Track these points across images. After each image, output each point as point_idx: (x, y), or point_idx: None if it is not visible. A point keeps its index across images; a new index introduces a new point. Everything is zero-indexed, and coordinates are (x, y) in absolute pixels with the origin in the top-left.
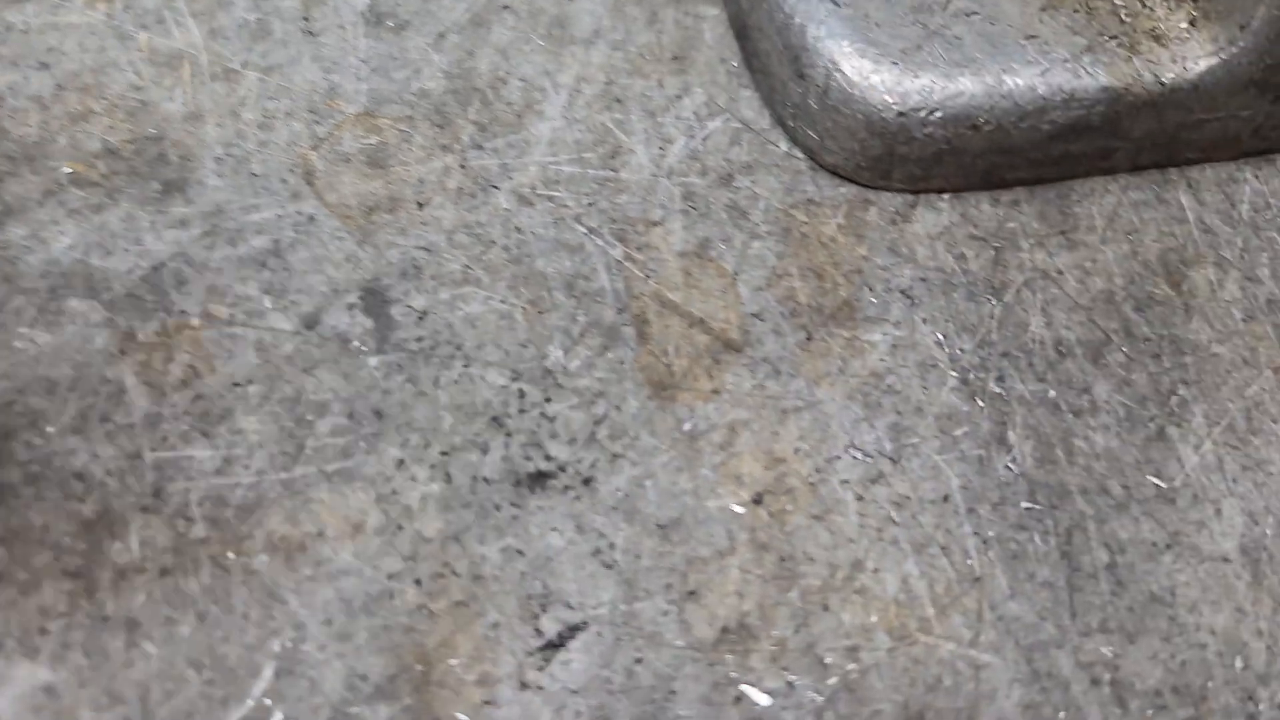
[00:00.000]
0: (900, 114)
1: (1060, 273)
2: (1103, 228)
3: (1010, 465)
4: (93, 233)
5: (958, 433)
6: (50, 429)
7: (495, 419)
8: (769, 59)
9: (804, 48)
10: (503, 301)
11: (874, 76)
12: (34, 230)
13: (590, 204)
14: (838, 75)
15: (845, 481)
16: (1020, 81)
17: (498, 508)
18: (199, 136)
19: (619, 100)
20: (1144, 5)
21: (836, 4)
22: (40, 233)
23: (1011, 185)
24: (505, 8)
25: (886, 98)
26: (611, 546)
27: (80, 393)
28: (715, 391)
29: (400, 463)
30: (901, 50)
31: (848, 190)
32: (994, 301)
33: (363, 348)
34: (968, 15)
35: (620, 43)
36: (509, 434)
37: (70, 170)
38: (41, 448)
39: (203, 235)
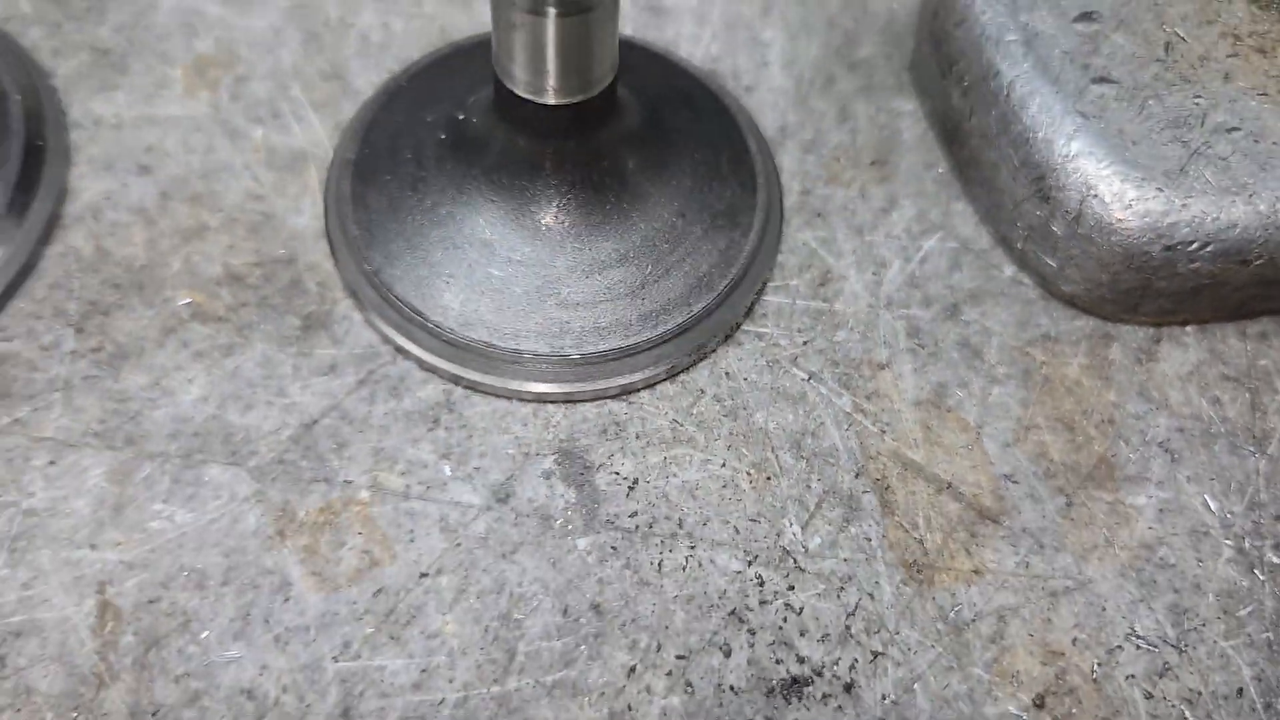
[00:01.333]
0: (1167, 248)
1: None
2: None
3: None
4: (225, 381)
5: (1242, 613)
6: (206, 633)
7: (734, 614)
8: (995, 171)
9: (1051, 165)
10: (723, 466)
11: (1138, 205)
12: (156, 379)
13: (806, 342)
14: (1093, 201)
15: (1131, 676)
16: None
17: None
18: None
19: (820, 215)
20: None
21: (1085, 116)
22: (163, 381)
23: (1259, 315)
24: None
25: (1152, 230)
26: None
27: (237, 588)
28: (976, 572)
29: (631, 670)
30: (1165, 174)
31: (1085, 323)
32: (1258, 454)
33: (568, 527)
34: (1229, 131)
35: (811, 143)
36: (752, 631)
37: (189, 301)
38: (199, 658)
39: (358, 384)
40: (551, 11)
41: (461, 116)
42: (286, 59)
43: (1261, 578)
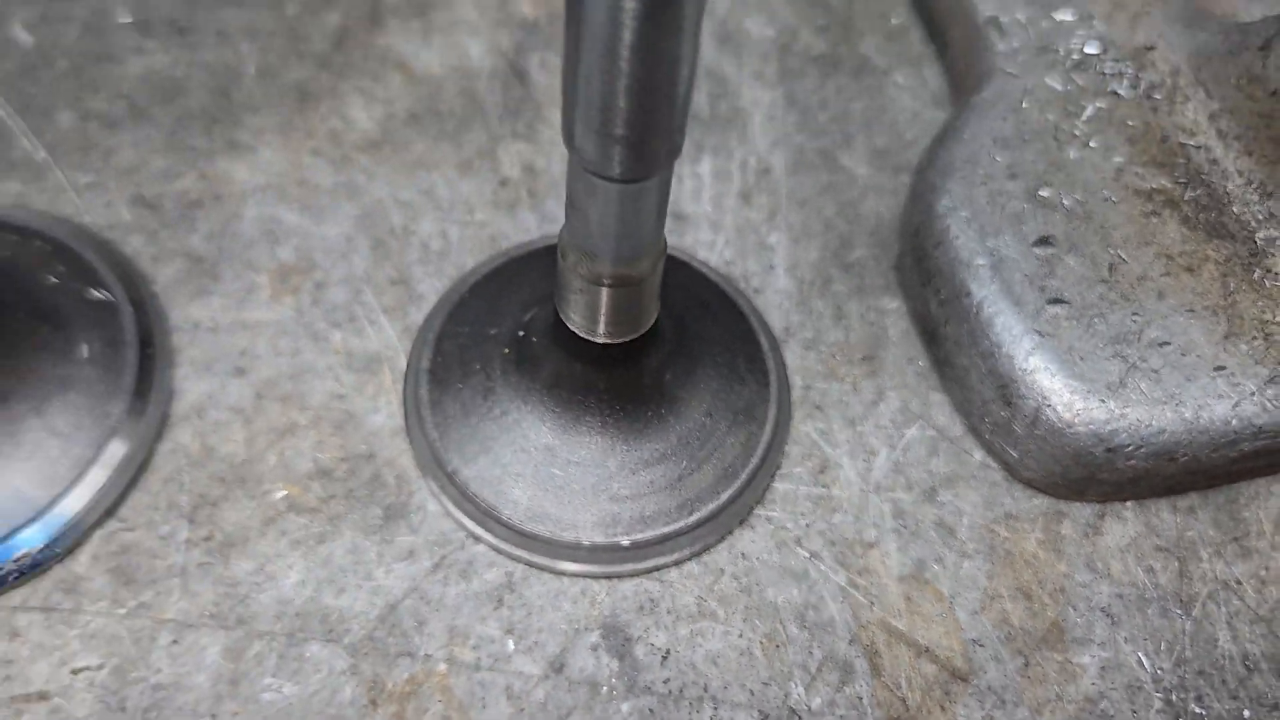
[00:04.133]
0: (1109, 450)
1: (1239, 583)
2: (1270, 532)
3: None
4: (320, 567)
5: None
6: None
7: None
8: (966, 374)
9: (1012, 377)
10: (740, 636)
11: (1084, 414)
12: (260, 564)
13: (808, 525)
14: (1048, 409)
15: None
16: (1215, 416)
17: None
18: (411, 454)
19: (819, 408)
20: None
21: (1041, 334)
22: (267, 567)
23: (1187, 492)
24: None
25: (1096, 435)
26: None
27: None
28: None
29: None
30: (1107, 385)
31: (1041, 502)
32: (1184, 616)
33: (613, 693)
34: (1161, 345)
35: (812, 341)
36: None
37: (285, 493)
38: None
39: (433, 569)
40: (606, 283)
41: (522, 334)
42: (359, 265)
43: None
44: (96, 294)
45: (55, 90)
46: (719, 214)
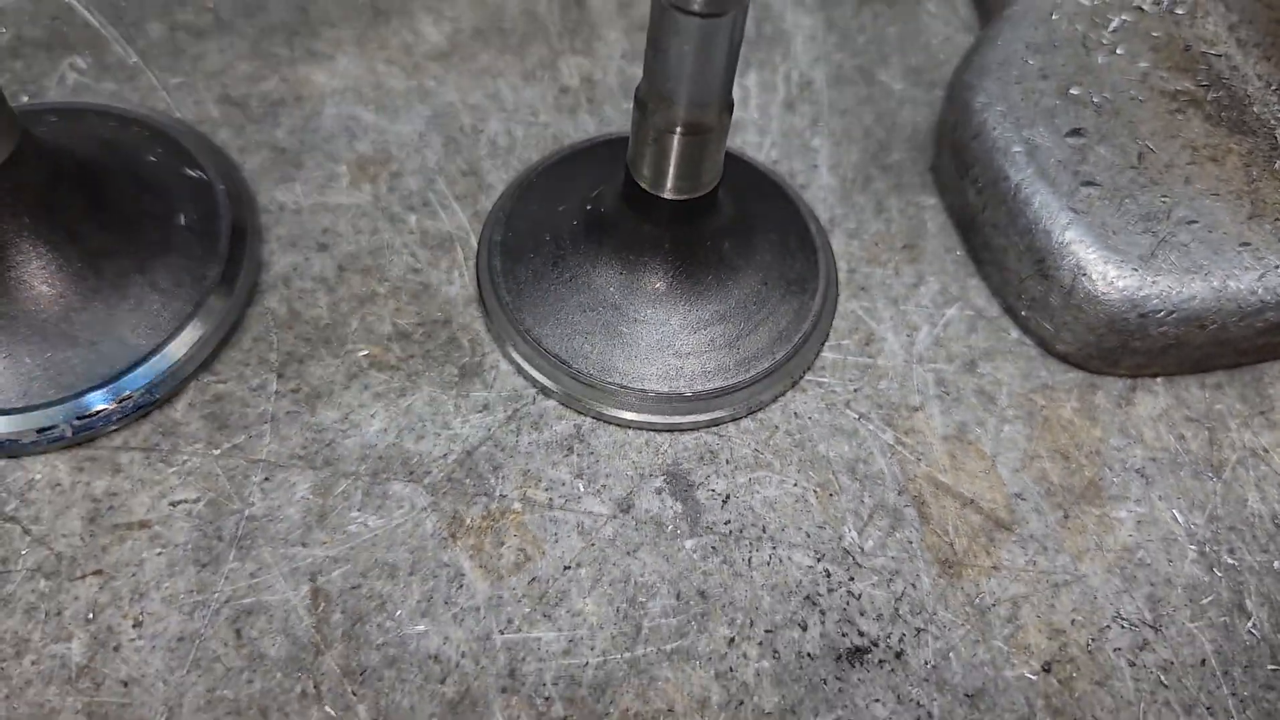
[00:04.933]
0: (1141, 315)
1: (1266, 451)
2: None
3: (1253, 630)
4: (401, 417)
5: (1204, 601)
6: (400, 612)
7: (808, 598)
8: (1004, 254)
9: (1049, 250)
10: (795, 485)
11: (1118, 281)
12: (345, 414)
13: (856, 390)
14: (1083, 279)
15: (1118, 649)
16: (1242, 286)
17: (824, 682)
18: (484, 321)
19: (863, 289)
20: None
21: (1076, 211)
22: (351, 416)
23: (1215, 369)
24: None
25: (1129, 301)
26: (930, 716)
27: (421, 577)
28: (995, 568)
29: (731, 641)
30: (1139, 257)
31: (1075, 376)
32: (1215, 479)
33: (677, 531)
34: (1189, 223)
35: (855, 231)
36: (823, 612)
37: (367, 353)
38: (394, 630)
39: (507, 420)
40: (678, 130)
41: (589, 207)
42: (431, 158)
43: (1219, 575)
44: (192, 173)
45: (145, 5)
46: (765, 120)
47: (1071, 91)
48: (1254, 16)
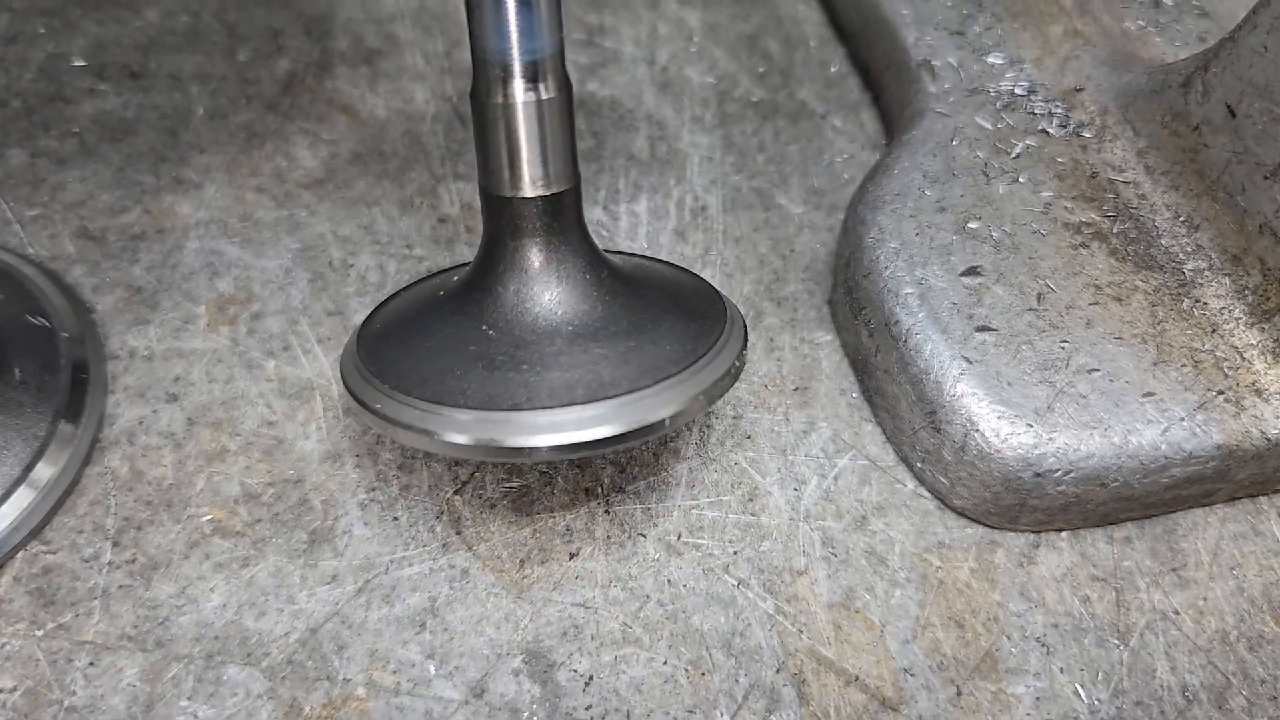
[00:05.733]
0: (1037, 474)
1: (1177, 613)
2: (1209, 563)
3: None
4: (242, 590)
5: None
6: None
7: None
8: (897, 402)
9: (940, 403)
10: (665, 663)
11: (1012, 439)
12: (182, 587)
13: (736, 552)
14: (975, 435)
15: None
16: (1144, 441)
17: None
18: (339, 479)
19: (749, 437)
20: (1242, 358)
21: (969, 361)
22: (189, 589)
23: (1123, 521)
24: None
25: (1023, 460)
26: None
27: None
28: None
29: None
30: (1035, 411)
31: (974, 531)
32: (1121, 646)
33: (533, 718)
34: (1090, 371)
35: (744, 373)
36: None
37: (211, 517)
38: None
39: (357, 593)
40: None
41: (455, 278)
42: (296, 297)
43: None
44: (33, 320)
45: (6, 129)
46: (654, 250)
47: (969, 225)
48: (1162, 143)
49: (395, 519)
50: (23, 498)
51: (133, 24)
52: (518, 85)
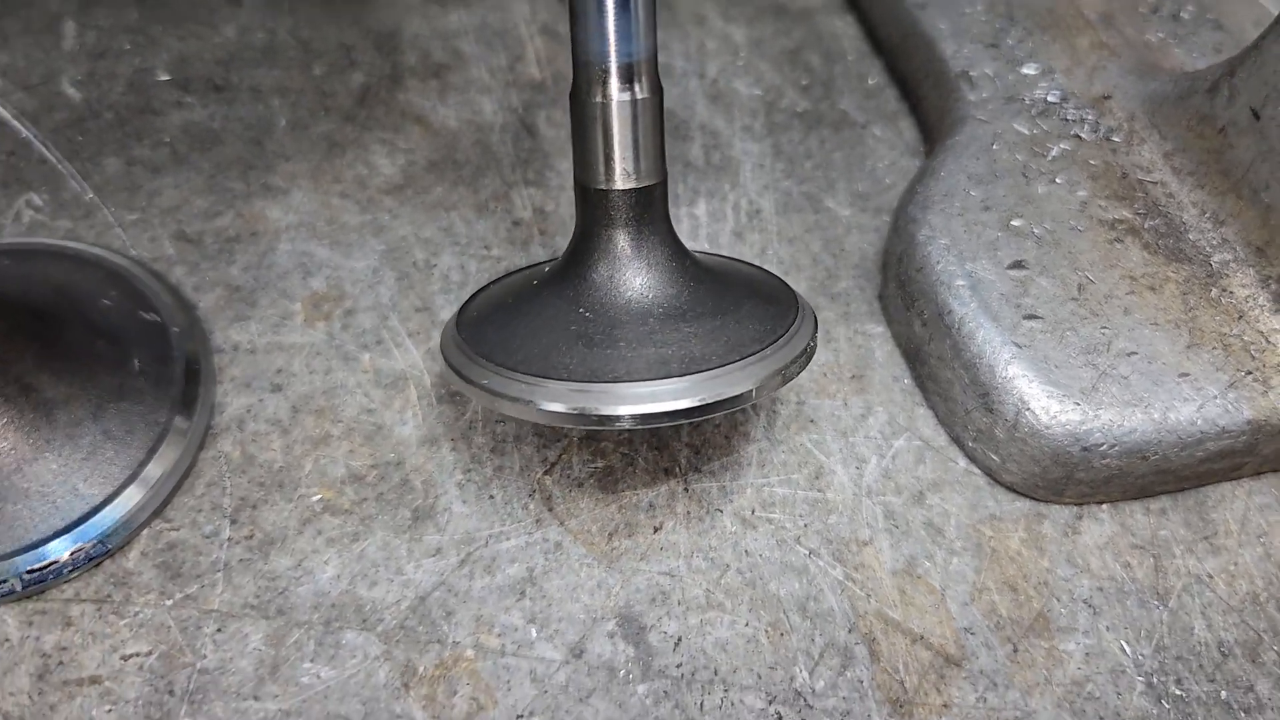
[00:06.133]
0: (1084, 449)
1: (1211, 577)
2: (1238, 532)
3: None
4: (354, 562)
5: None
6: None
7: None
8: (950, 386)
9: (994, 385)
10: (746, 625)
11: (1060, 416)
12: (298, 560)
13: (806, 525)
14: (1027, 414)
15: None
16: (1181, 417)
17: None
18: (437, 461)
19: (812, 421)
20: (1268, 342)
21: (1019, 346)
22: (304, 562)
23: (1159, 494)
24: None
25: (1072, 435)
26: None
27: None
28: (945, 706)
29: None
30: (1081, 391)
31: (1023, 505)
32: (1161, 607)
33: (630, 676)
34: (1130, 354)
35: None
36: None
37: (320, 497)
38: None
39: (460, 564)
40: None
41: (546, 269)
42: (385, 295)
43: (1167, 706)
44: (146, 316)
45: (102, 139)
46: (716, 249)
47: (1013, 223)
48: (1187, 145)
49: (491, 497)
50: (148, 479)
51: (212, 40)
52: (614, 85)
